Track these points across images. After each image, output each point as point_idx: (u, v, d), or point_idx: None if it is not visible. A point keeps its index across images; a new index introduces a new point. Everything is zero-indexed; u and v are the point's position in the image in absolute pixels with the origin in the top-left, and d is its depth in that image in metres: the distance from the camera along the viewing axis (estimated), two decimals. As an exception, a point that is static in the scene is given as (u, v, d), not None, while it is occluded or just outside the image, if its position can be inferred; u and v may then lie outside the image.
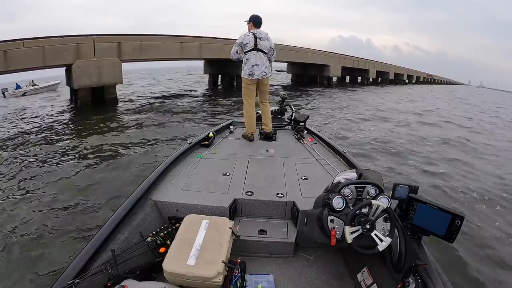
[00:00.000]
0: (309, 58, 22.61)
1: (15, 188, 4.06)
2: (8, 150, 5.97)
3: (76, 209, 3.43)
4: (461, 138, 8.48)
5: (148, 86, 22.32)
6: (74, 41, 10.94)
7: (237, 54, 3.28)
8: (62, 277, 1.22)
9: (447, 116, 13.33)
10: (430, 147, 7.24)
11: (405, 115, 12.33)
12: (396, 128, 9.40)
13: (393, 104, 16.03)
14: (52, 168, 4.86)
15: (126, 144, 6.28)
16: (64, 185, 4.11)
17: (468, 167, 5.87)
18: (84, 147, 6.07)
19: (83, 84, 11.39)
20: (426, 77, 52.18)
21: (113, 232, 1.54)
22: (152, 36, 13.67)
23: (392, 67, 36.83)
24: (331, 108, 12.61)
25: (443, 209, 1.25)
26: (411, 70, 44.77)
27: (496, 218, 3.77)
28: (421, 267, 1.20)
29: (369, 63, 30.69)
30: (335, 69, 25.14)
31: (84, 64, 11.10)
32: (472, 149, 7.47)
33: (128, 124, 8.41)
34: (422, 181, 4.65)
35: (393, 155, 6.24)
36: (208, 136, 3.08)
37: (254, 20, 3.22)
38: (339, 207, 1.43)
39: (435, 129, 9.80)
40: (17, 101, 15.98)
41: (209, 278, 1.29)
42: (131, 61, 13.61)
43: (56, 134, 7.44)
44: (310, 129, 3.73)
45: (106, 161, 5.18)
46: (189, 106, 12.32)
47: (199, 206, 1.88)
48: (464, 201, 4.20)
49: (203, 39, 15.61)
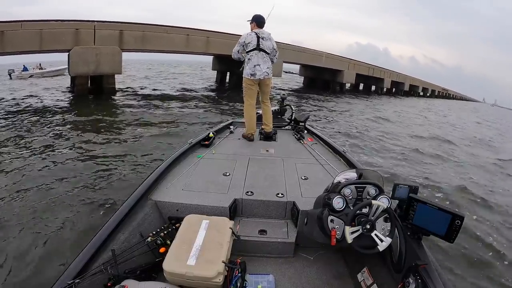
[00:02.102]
0: (323, 62, 21.80)
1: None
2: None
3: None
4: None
5: (154, 77, 21.29)
6: (74, 26, 10.53)
7: (239, 54, 3.26)
8: (62, 277, 1.21)
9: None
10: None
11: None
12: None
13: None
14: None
15: (113, 147, 5.48)
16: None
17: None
18: (63, 146, 5.40)
19: (80, 72, 11.05)
20: (442, 91, 49.37)
21: (113, 232, 1.54)
22: (156, 26, 13.01)
23: (408, 78, 34.81)
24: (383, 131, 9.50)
25: (443, 209, 1.25)
26: (427, 82, 42.46)
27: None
28: (421, 267, 1.20)
29: (385, 72, 29.30)
30: (349, 75, 24.11)
31: (82, 50, 10.70)
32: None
33: (122, 119, 7.78)
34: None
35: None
36: (208, 136, 3.08)
37: (257, 19, 3.21)
38: (339, 207, 1.43)
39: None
40: (21, 83, 15.65)
41: (209, 278, 1.29)
42: (133, 51, 13.12)
43: (38, 126, 6.82)
44: (310, 129, 3.73)
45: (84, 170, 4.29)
46: (190, 104, 11.47)
47: (199, 206, 1.88)
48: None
49: (211, 33, 14.74)
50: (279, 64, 17.75)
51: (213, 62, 20.18)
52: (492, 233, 3.63)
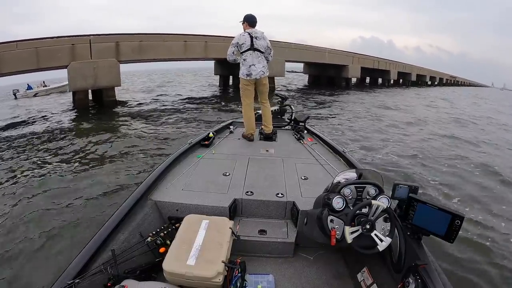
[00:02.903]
0: (326, 58, 21.29)
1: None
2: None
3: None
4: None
5: (157, 87, 20.79)
6: (69, 41, 10.57)
7: (234, 55, 3.22)
8: (62, 277, 1.21)
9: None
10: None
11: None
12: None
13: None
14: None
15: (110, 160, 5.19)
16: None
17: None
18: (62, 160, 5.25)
19: (79, 87, 11.05)
20: (449, 78, 48.34)
21: (113, 232, 1.54)
22: (153, 35, 13.01)
23: (414, 68, 34.30)
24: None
25: (443, 209, 1.25)
26: (434, 71, 41.95)
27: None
28: (421, 267, 1.20)
29: (390, 64, 28.80)
30: (354, 70, 23.54)
31: (79, 65, 10.71)
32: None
33: (123, 133, 7.35)
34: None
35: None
36: (208, 136, 3.08)
37: (249, 19, 3.19)
38: (339, 207, 1.43)
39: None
40: (24, 102, 15.55)
41: (209, 278, 1.29)
42: (130, 62, 13.12)
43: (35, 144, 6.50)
44: (310, 129, 3.73)
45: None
46: (194, 110, 11.12)
47: (199, 206, 1.88)
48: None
49: (209, 37, 14.69)
50: (281, 63, 17.20)
51: (214, 67, 20.05)
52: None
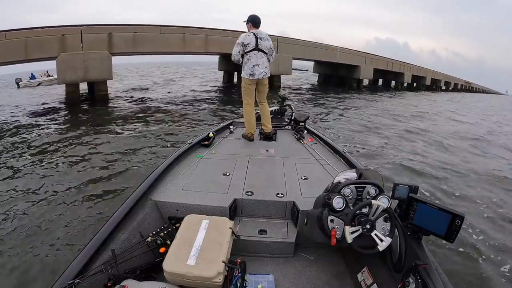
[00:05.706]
0: (337, 58, 20.62)
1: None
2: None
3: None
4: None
5: (157, 82, 20.14)
6: (60, 32, 10.16)
7: (239, 55, 3.25)
8: (62, 277, 1.21)
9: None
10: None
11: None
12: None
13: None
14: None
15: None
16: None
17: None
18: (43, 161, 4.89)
19: (68, 80, 10.58)
20: (464, 84, 46.63)
21: (113, 232, 1.54)
22: (149, 27, 12.48)
23: (429, 71, 33.04)
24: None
25: (443, 209, 1.25)
26: (449, 76, 40.64)
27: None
28: (421, 267, 1.20)
29: (405, 66, 27.91)
30: (366, 70, 22.65)
31: (69, 57, 10.27)
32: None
33: (112, 134, 6.83)
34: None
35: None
36: (208, 136, 3.08)
37: (253, 20, 3.23)
38: (339, 207, 1.43)
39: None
40: (24, 92, 15.09)
41: (209, 278, 1.29)
42: (123, 55, 12.63)
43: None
44: (310, 129, 3.73)
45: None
46: (195, 109, 10.57)
47: (199, 206, 1.88)
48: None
49: (210, 30, 14.21)
50: (288, 60, 16.51)
51: (219, 62, 19.59)
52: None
